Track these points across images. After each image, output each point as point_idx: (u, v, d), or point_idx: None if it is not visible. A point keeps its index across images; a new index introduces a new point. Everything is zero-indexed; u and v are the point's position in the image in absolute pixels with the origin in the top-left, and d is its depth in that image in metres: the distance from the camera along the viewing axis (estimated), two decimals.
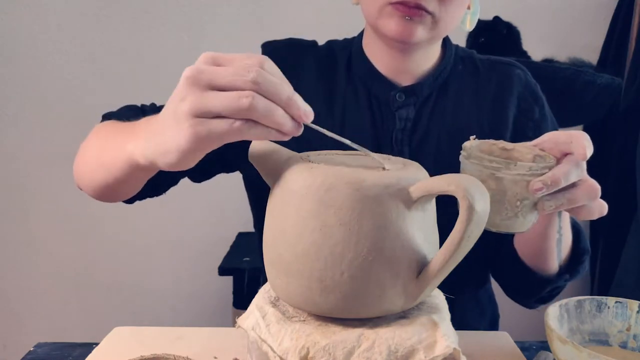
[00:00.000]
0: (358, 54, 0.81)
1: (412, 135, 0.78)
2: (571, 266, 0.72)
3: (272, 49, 0.83)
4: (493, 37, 1.65)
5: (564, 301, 0.63)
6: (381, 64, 0.79)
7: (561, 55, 1.78)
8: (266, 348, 0.49)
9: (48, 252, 1.94)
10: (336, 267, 0.47)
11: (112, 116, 0.75)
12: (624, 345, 0.63)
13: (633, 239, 1.63)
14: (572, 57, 1.78)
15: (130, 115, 0.71)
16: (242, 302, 1.65)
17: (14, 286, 1.95)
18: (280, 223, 0.50)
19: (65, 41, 1.82)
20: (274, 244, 0.50)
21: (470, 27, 0.79)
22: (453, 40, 0.84)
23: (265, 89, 0.44)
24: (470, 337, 0.69)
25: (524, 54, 1.69)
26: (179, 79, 0.46)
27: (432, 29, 0.71)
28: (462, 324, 0.62)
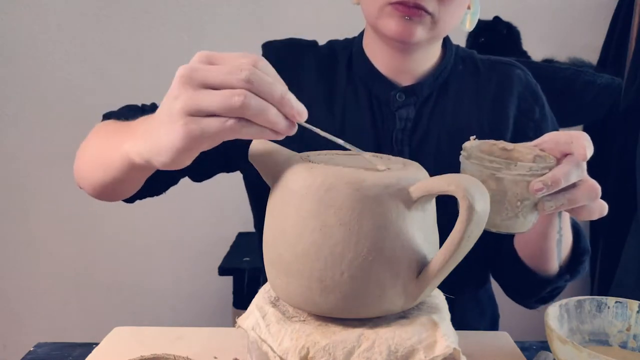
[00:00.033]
0: (358, 53, 0.81)
1: (412, 135, 0.78)
2: (571, 266, 0.72)
3: (272, 49, 0.83)
4: (493, 37, 1.65)
5: (564, 301, 0.63)
6: (381, 64, 0.79)
7: (561, 55, 1.78)
8: (266, 348, 0.49)
9: (48, 252, 1.94)
10: (336, 267, 0.47)
11: (113, 116, 0.75)
12: (624, 345, 0.63)
13: (633, 239, 1.63)
14: (572, 57, 1.78)
15: (130, 115, 0.71)
16: (242, 302, 1.65)
17: (14, 286, 1.95)
18: (280, 223, 0.50)
19: (65, 41, 1.82)
20: (274, 244, 0.50)
21: (470, 27, 0.79)
22: (453, 40, 0.84)
23: (258, 88, 0.44)
24: (470, 337, 0.69)
25: (524, 54, 1.69)
26: None
27: (431, 29, 0.71)
28: (462, 324, 0.62)
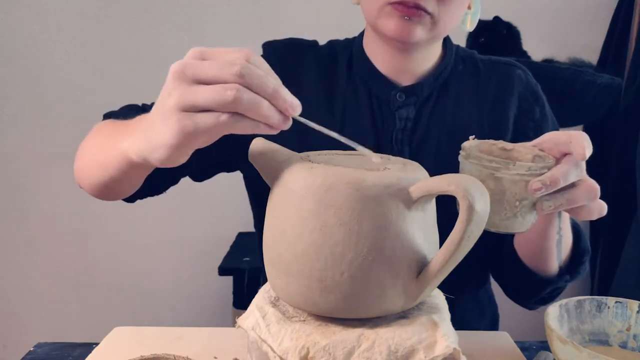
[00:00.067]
0: (359, 53, 0.81)
1: (412, 135, 0.78)
2: (571, 267, 0.72)
3: (273, 49, 0.83)
4: (493, 37, 1.65)
5: (564, 301, 0.63)
6: (381, 64, 0.79)
7: (561, 55, 1.78)
8: (266, 348, 0.49)
9: (48, 252, 1.94)
10: (336, 267, 0.47)
11: (113, 115, 0.75)
12: (624, 345, 0.63)
13: (633, 239, 1.63)
14: (572, 57, 1.78)
15: (130, 115, 0.71)
16: (242, 302, 1.65)
17: (14, 286, 1.95)
18: (280, 223, 0.50)
19: (65, 41, 1.82)
20: (274, 244, 0.50)
21: (470, 27, 0.79)
22: (453, 40, 0.84)
23: (250, 82, 0.44)
24: (470, 337, 0.69)
25: (524, 54, 1.69)
26: None
27: (431, 29, 0.71)
28: (462, 324, 0.62)
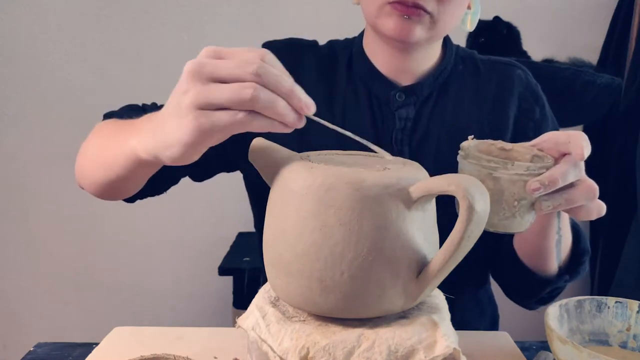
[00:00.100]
0: (358, 53, 0.81)
1: (412, 135, 0.78)
2: (571, 267, 0.72)
3: (273, 49, 0.82)
4: (493, 37, 1.65)
5: (564, 301, 0.63)
6: (381, 64, 0.79)
7: (561, 55, 1.78)
8: (266, 348, 0.49)
9: (48, 252, 1.94)
10: (336, 267, 0.47)
11: (114, 115, 0.75)
12: (624, 345, 0.63)
13: (633, 239, 1.63)
14: (572, 57, 1.78)
15: (131, 114, 0.71)
16: (242, 302, 1.65)
17: (14, 286, 1.95)
18: (280, 223, 0.50)
19: (65, 41, 1.81)
20: (274, 244, 0.50)
21: (471, 27, 0.79)
22: (453, 40, 0.84)
23: (267, 81, 0.44)
24: (470, 337, 0.69)
25: (524, 54, 1.69)
26: (179, 78, 0.46)
27: (430, 29, 0.71)
28: (462, 324, 0.62)
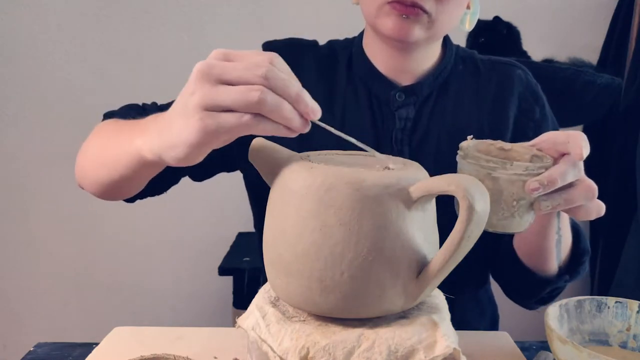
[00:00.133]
0: (358, 53, 0.81)
1: (412, 135, 0.78)
2: (571, 267, 0.72)
3: (272, 49, 0.83)
4: (493, 37, 1.65)
5: (564, 301, 0.63)
6: (381, 64, 0.79)
7: (561, 55, 1.78)
8: (266, 348, 0.49)
9: (48, 252, 1.94)
10: (336, 267, 0.47)
11: (114, 115, 0.75)
12: (624, 345, 0.63)
13: (633, 239, 1.63)
14: (572, 57, 1.78)
15: (132, 114, 0.71)
16: (242, 302, 1.65)
17: (14, 286, 1.95)
18: (280, 223, 0.50)
19: (65, 41, 1.81)
20: (274, 244, 0.50)
21: (470, 27, 0.79)
22: (453, 40, 0.84)
23: (274, 85, 0.44)
24: (470, 337, 0.69)
25: (524, 54, 1.69)
26: (179, 79, 0.47)
27: (429, 28, 0.71)
28: (462, 324, 0.62)
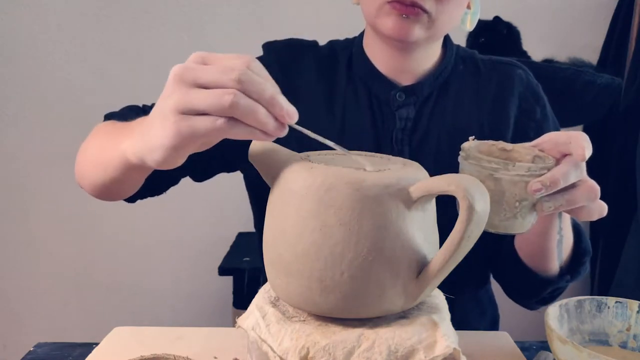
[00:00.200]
0: (358, 53, 0.81)
1: (412, 135, 0.78)
2: (572, 267, 0.72)
3: (273, 49, 0.83)
4: (493, 37, 1.65)
5: (564, 301, 0.63)
6: (381, 64, 0.79)
7: (561, 55, 1.78)
8: (266, 348, 0.49)
9: (48, 252, 1.94)
10: (336, 267, 0.47)
11: (114, 116, 0.75)
12: (624, 345, 0.63)
13: (633, 239, 1.63)
14: (572, 57, 1.78)
15: (131, 115, 0.71)
16: (242, 302, 1.65)
17: (14, 286, 1.95)
18: (280, 223, 0.50)
19: (65, 41, 1.82)
20: (274, 244, 0.50)
21: (470, 27, 0.79)
22: (453, 40, 0.84)
23: (248, 88, 0.44)
24: (470, 337, 0.69)
25: (524, 54, 1.69)
26: None
27: (428, 28, 0.71)
28: (462, 324, 0.62)
